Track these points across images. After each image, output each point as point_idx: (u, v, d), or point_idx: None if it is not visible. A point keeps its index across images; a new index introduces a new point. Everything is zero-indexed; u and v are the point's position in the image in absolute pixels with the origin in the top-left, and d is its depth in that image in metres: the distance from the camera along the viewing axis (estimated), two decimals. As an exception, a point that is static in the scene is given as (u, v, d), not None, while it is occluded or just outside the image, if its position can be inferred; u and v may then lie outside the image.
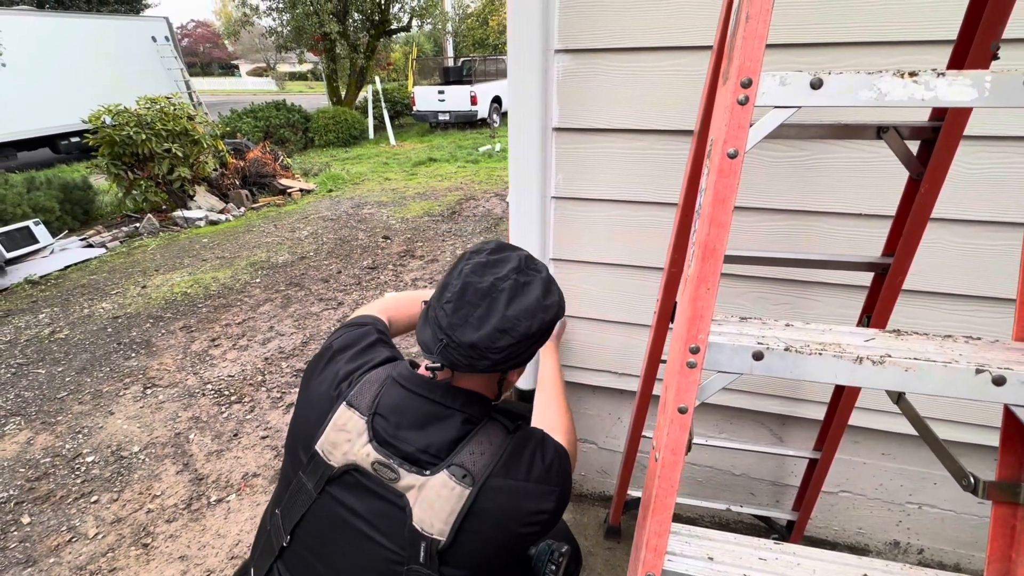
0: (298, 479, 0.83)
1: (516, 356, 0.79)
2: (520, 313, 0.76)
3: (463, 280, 0.77)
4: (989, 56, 0.72)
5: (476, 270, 0.78)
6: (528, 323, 0.76)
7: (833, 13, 1.06)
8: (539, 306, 0.78)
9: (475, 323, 0.75)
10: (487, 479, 0.76)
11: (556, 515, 0.81)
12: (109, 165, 5.78)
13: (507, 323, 0.75)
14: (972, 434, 1.31)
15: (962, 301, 1.21)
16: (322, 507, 0.80)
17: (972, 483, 0.65)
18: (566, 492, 0.83)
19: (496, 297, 0.76)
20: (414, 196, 6.94)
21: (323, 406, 0.83)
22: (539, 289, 0.79)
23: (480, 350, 0.75)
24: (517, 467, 0.79)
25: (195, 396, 2.83)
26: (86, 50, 11.14)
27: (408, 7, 14.41)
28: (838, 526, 1.64)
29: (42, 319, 3.87)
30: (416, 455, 0.77)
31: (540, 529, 0.80)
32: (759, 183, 1.24)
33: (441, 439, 0.78)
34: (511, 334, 0.75)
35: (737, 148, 0.57)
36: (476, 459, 0.77)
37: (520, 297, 0.77)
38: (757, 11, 0.55)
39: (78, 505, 2.13)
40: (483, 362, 0.76)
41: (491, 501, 0.76)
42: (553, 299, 0.81)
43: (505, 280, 0.77)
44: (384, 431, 0.78)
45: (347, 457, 0.78)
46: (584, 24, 1.21)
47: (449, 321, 0.76)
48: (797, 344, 0.62)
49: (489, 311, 0.75)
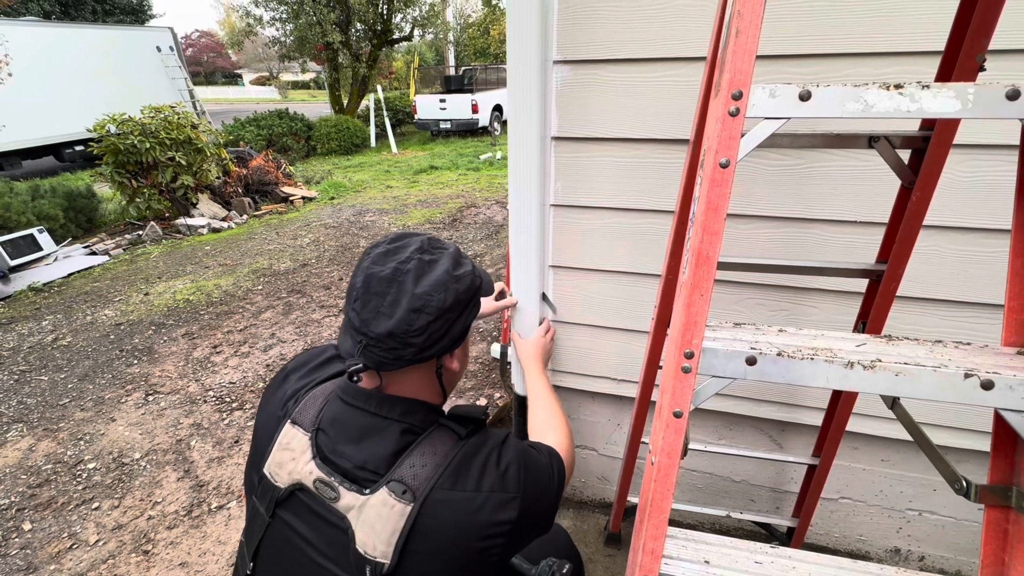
0: (252, 503, 0.81)
1: (441, 337, 0.73)
2: (430, 288, 0.71)
3: (364, 274, 0.73)
4: (975, 68, 0.74)
5: (377, 260, 0.74)
6: (442, 296, 0.72)
7: (824, 25, 1.08)
8: (450, 278, 0.73)
9: (387, 311, 0.70)
10: (430, 493, 0.70)
11: (523, 526, 0.75)
12: (113, 173, 5.83)
13: (419, 301, 0.70)
14: (969, 439, 1.32)
15: (956, 307, 1.22)
16: (276, 532, 0.77)
17: (964, 487, 0.66)
18: (534, 500, 0.76)
19: (402, 280, 0.71)
20: (415, 203, 6.98)
21: (271, 427, 0.81)
22: (447, 263, 0.75)
23: (399, 337, 0.70)
24: (466, 477, 0.72)
25: (196, 403, 2.84)
26: (91, 60, 11.28)
27: (410, 17, 14.57)
28: (839, 533, 1.64)
29: (45, 326, 3.89)
30: (354, 472, 0.72)
31: (505, 542, 0.73)
32: (755, 191, 1.25)
33: (379, 453, 0.72)
34: (426, 311, 0.70)
35: (729, 158, 0.58)
36: (417, 472, 0.71)
37: (427, 274, 0.72)
38: (747, 26, 0.57)
39: (79, 512, 2.13)
40: (408, 350, 0.71)
41: (435, 517, 0.69)
42: (464, 270, 0.76)
43: (408, 262, 0.73)
44: (326, 447, 0.75)
45: (292, 476, 0.75)
46: (582, 36, 1.23)
47: (360, 318, 0.71)
48: (789, 349, 0.63)
49: (398, 295, 0.70)
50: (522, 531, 0.75)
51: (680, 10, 1.15)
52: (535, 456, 0.83)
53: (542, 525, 0.82)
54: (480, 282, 0.80)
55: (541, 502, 0.79)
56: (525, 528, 0.76)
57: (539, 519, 0.80)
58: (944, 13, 0.82)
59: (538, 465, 0.82)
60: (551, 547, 1.09)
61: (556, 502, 0.84)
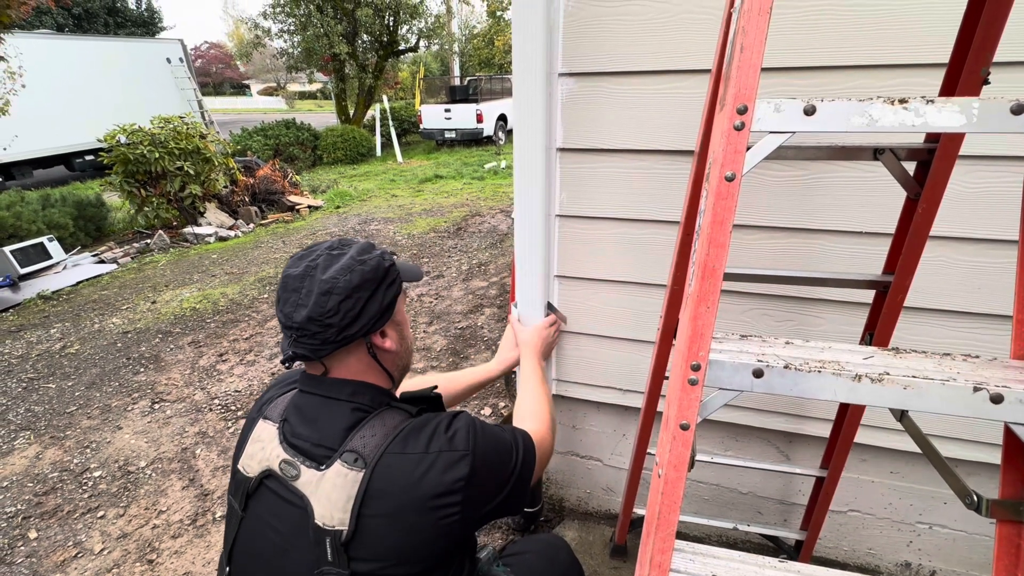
0: (229, 502, 0.86)
1: (358, 313, 0.79)
2: (337, 272, 0.78)
3: (282, 277, 0.81)
4: (980, 81, 0.74)
5: (292, 264, 0.82)
6: (347, 277, 0.78)
7: (829, 38, 1.09)
8: (354, 261, 0.80)
9: (303, 301, 0.77)
10: (380, 457, 0.75)
11: (478, 486, 0.77)
12: (123, 183, 5.91)
13: (326, 284, 0.77)
14: (980, 452, 1.30)
15: (964, 318, 1.21)
16: (247, 527, 0.82)
17: (975, 501, 0.65)
18: (487, 460, 0.79)
19: (312, 274, 0.78)
20: (420, 212, 7.02)
21: (247, 430, 0.88)
22: (353, 251, 0.82)
23: (317, 320, 0.76)
24: (416, 441, 0.77)
25: (202, 411, 2.85)
26: (103, 71, 11.47)
27: (416, 28, 14.75)
28: (848, 546, 1.62)
29: (53, 334, 3.93)
30: (312, 450, 0.78)
31: (460, 500, 0.75)
32: (760, 201, 1.26)
33: (332, 430, 0.79)
34: (335, 292, 0.77)
35: (734, 172, 0.59)
36: (367, 441, 0.77)
37: (333, 263, 0.79)
38: (752, 42, 0.57)
39: (85, 520, 2.14)
40: (329, 331, 0.77)
41: (387, 479, 0.74)
42: (370, 255, 0.83)
43: (316, 259, 0.80)
44: (289, 432, 0.82)
45: (261, 464, 0.81)
46: (587, 49, 1.25)
47: (284, 313, 0.79)
48: (796, 362, 0.63)
49: (310, 285, 0.78)
50: (477, 494, 0.78)
51: (684, 24, 1.17)
52: (494, 428, 0.86)
53: (505, 497, 0.83)
54: (390, 262, 0.85)
55: (498, 469, 0.83)
56: (480, 491, 0.78)
57: (496, 486, 0.82)
58: (948, 26, 0.83)
59: (495, 434, 0.85)
60: (552, 567, 1.08)
61: (520, 478, 0.86)
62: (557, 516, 1.87)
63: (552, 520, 1.87)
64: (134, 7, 25.73)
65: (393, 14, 13.62)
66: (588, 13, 1.22)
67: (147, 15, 26.24)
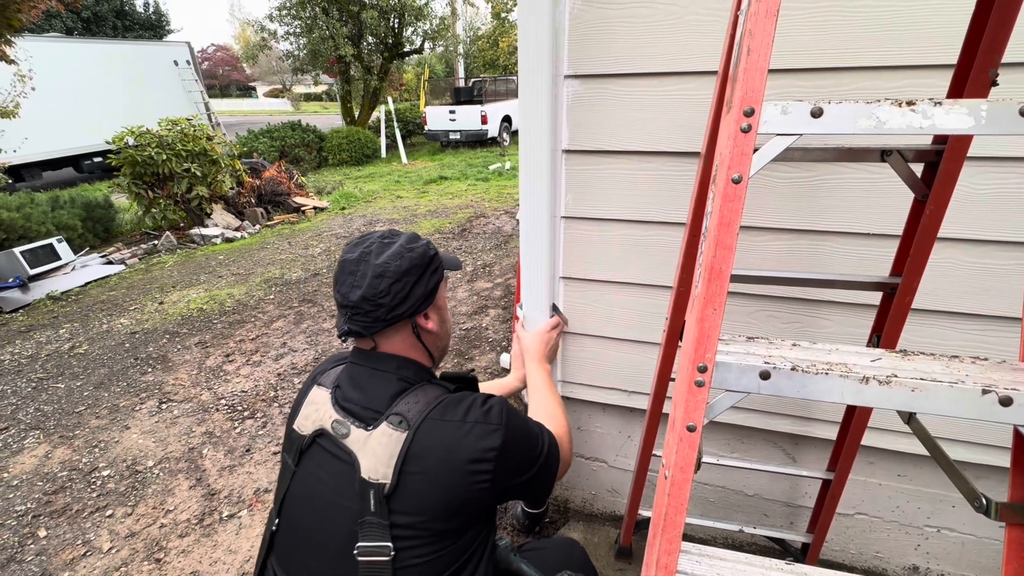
0: (283, 460, 0.95)
1: (406, 296, 0.89)
2: (388, 258, 0.88)
3: (339, 263, 0.92)
4: (988, 83, 0.74)
5: (347, 251, 0.92)
6: (398, 263, 0.88)
7: (836, 39, 1.08)
8: (404, 248, 0.90)
9: (358, 283, 0.87)
10: (422, 422, 0.83)
11: (508, 459, 0.84)
12: (130, 184, 5.96)
13: (379, 268, 0.87)
14: (989, 455, 1.30)
15: (974, 320, 1.20)
16: (299, 481, 0.90)
17: (984, 504, 0.65)
18: (516, 436, 0.87)
19: (366, 259, 0.89)
20: (425, 214, 7.04)
21: (302, 395, 0.98)
22: (402, 241, 0.92)
23: (370, 300, 0.86)
24: (454, 410, 0.85)
25: (209, 411, 2.87)
26: (111, 74, 11.58)
27: (421, 30, 14.79)
28: (855, 549, 1.61)
29: (62, 334, 3.96)
30: (361, 412, 0.87)
31: (491, 469, 0.82)
32: (768, 202, 1.25)
33: (380, 396, 0.87)
34: (387, 275, 0.87)
35: (741, 174, 0.59)
36: (411, 407, 0.85)
37: (385, 250, 0.90)
38: (758, 45, 0.58)
39: (93, 519, 2.16)
40: (380, 310, 0.87)
41: (428, 440, 0.82)
42: (417, 244, 0.93)
43: (370, 246, 0.91)
44: (340, 397, 0.91)
45: (315, 424, 0.90)
46: (593, 51, 1.25)
47: (341, 294, 0.89)
48: (803, 364, 0.63)
49: (364, 269, 0.88)
50: (506, 467, 0.85)
51: (690, 25, 1.17)
52: (525, 417, 0.94)
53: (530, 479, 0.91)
54: (435, 251, 0.96)
55: (525, 449, 0.90)
56: (509, 465, 0.85)
57: (524, 465, 0.90)
58: (956, 27, 0.83)
59: (525, 421, 0.93)
60: (568, 562, 1.10)
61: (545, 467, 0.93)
62: (562, 517, 1.87)
63: (557, 521, 1.87)
64: (142, 10, 25.96)
65: (398, 16, 13.67)
66: (594, 15, 1.22)
67: (155, 18, 26.47)
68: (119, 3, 23.50)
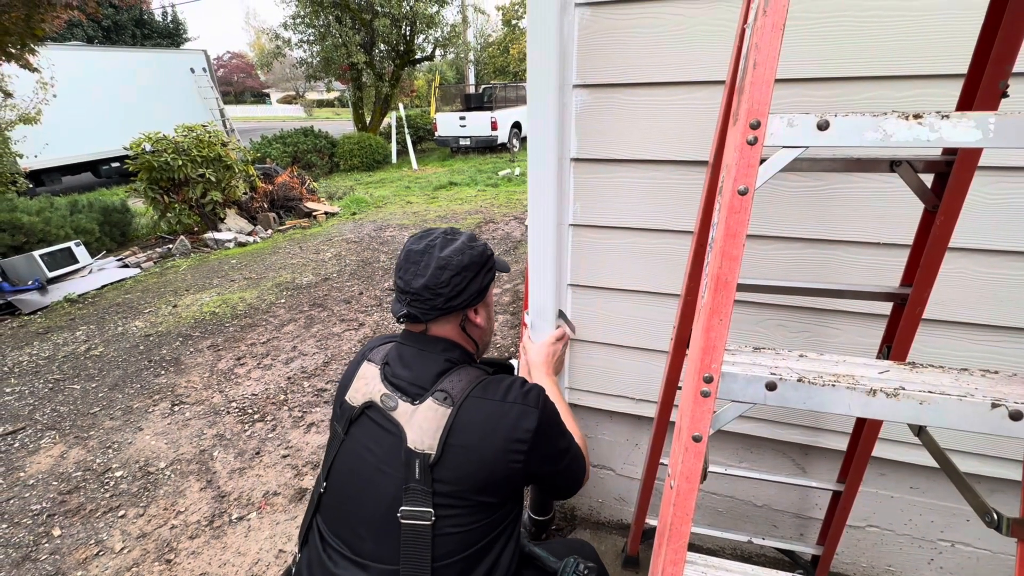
0: (333, 428, 1.02)
1: (462, 289, 0.94)
2: (451, 252, 0.94)
3: (405, 251, 0.98)
4: (998, 94, 0.73)
5: (412, 242, 0.98)
6: (460, 258, 0.94)
7: (844, 49, 1.08)
8: (465, 246, 0.96)
9: (421, 272, 0.93)
10: (465, 399, 0.89)
11: (541, 442, 0.90)
12: (147, 189, 6.08)
13: (443, 261, 0.93)
14: (1003, 468, 1.27)
15: (987, 332, 1.19)
16: (347, 448, 0.96)
17: (995, 519, 0.64)
18: (549, 422, 0.93)
19: (430, 251, 0.95)
20: (435, 219, 7.08)
21: (353, 370, 1.04)
22: (464, 238, 0.99)
23: (431, 288, 0.92)
24: (495, 390, 0.92)
25: (220, 414, 2.90)
26: (129, 81, 11.83)
27: (432, 38, 14.94)
28: (866, 562, 1.59)
29: (79, 336, 4.04)
30: (407, 387, 0.93)
31: (528, 449, 0.88)
32: (777, 211, 1.25)
33: (426, 374, 0.94)
34: (448, 268, 0.92)
35: (747, 185, 0.59)
36: (455, 385, 0.91)
37: (449, 245, 0.96)
38: (764, 58, 0.58)
39: (106, 519, 2.19)
40: (438, 299, 0.93)
41: (471, 415, 0.88)
42: (478, 243, 1.00)
43: (435, 240, 0.97)
44: (390, 373, 0.97)
45: (365, 396, 0.96)
46: (601, 61, 1.26)
47: (404, 280, 0.95)
48: (810, 375, 0.63)
49: (428, 260, 0.94)
50: (539, 453, 0.90)
51: (698, 36, 1.17)
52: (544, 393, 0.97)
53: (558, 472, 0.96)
54: (491, 252, 1.03)
55: (557, 438, 0.96)
56: (542, 450, 0.91)
57: (555, 455, 0.95)
58: (965, 37, 0.82)
59: (556, 410, 0.98)
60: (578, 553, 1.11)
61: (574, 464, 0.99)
62: (569, 525, 1.87)
63: (564, 529, 1.86)
64: (160, 19, 26.53)
65: (410, 24, 13.82)
66: (602, 26, 1.23)
67: (172, 27, 27.03)
68: (138, 12, 24.03)
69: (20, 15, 5.20)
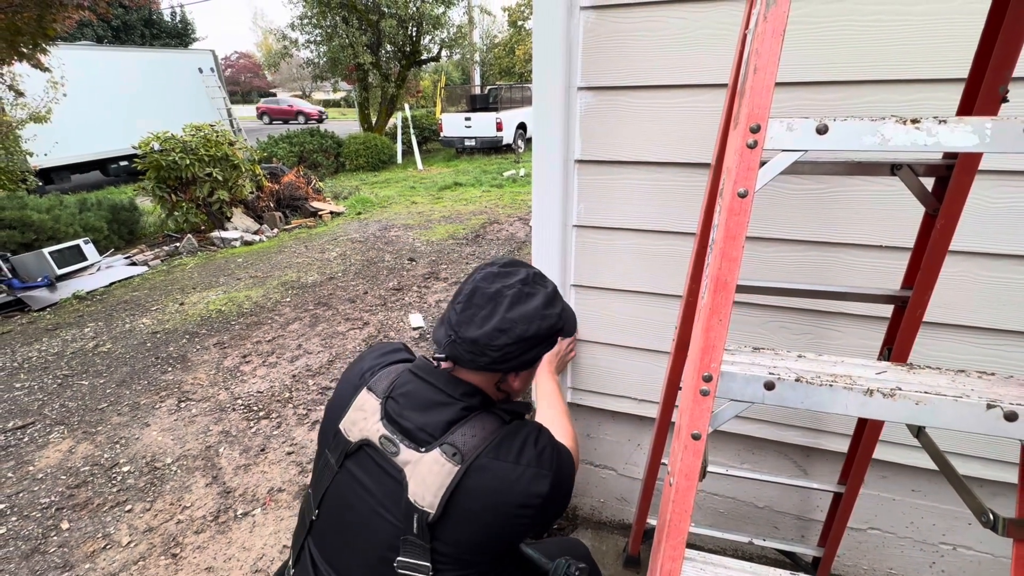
0: (324, 456, 0.94)
1: (513, 357, 0.85)
2: (519, 317, 0.84)
3: (473, 285, 0.87)
4: (998, 99, 0.74)
5: (487, 278, 0.88)
6: (525, 327, 0.84)
7: (845, 53, 1.09)
8: (538, 314, 0.86)
9: (479, 322, 0.84)
10: (476, 459, 0.82)
11: (551, 502, 0.84)
12: (155, 188, 6.14)
13: (506, 324, 0.83)
14: (1004, 471, 1.27)
15: (988, 335, 1.19)
16: (341, 482, 0.89)
17: (992, 520, 0.65)
18: (561, 480, 0.87)
19: (500, 302, 0.85)
20: (439, 219, 7.11)
21: (348, 393, 0.94)
22: (541, 299, 0.87)
23: (480, 346, 0.83)
24: (508, 450, 0.84)
25: (226, 411, 2.93)
26: (138, 81, 11.94)
27: (438, 39, 14.99)
28: (867, 565, 1.59)
29: (87, 333, 4.08)
30: (415, 432, 0.84)
31: (535, 513, 0.83)
32: (779, 214, 1.26)
33: (438, 420, 0.85)
34: (508, 334, 0.83)
35: (747, 188, 0.60)
36: (467, 440, 0.83)
37: (521, 304, 0.85)
38: (765, 64, 0.59)
39: (113, 513, 2.22)
40: (483, 359, 0.84)
41: (478, 480, 0.81)
42: (554, 311, 0.88)
43: (510, 288, 0.86)
44: (393, 411, 0.87)
45: (362, 433, 0.87)
46: (605, 64, 1.27)
47: (457, 319, 0.85)
48: (808, 375, 0.64)
49: (492, 313, 0.84)
50: (549, 506, 0.85)
51: (702, 40, 1.18)
52: (563, 446, 0.93)
53: (562, 505, 0.91)
54: (562, 324, 0.91)
55: (565, 485, 0.90)
56: (551, 504, 0.85)
57: (562, 499, 0.90)
58: (965, 42, 0.83)
59: (566, 453, 0.93)
60: (570, 552, 1.12)
61: (569, 493, 0.93)
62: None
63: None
64: (169, 19, 26.73)
65: (416, 25, 13.87)
66: (607, 29, 1.25)
67: (181, 27, 27.24)
68: (147, 12, 24.23)
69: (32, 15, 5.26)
